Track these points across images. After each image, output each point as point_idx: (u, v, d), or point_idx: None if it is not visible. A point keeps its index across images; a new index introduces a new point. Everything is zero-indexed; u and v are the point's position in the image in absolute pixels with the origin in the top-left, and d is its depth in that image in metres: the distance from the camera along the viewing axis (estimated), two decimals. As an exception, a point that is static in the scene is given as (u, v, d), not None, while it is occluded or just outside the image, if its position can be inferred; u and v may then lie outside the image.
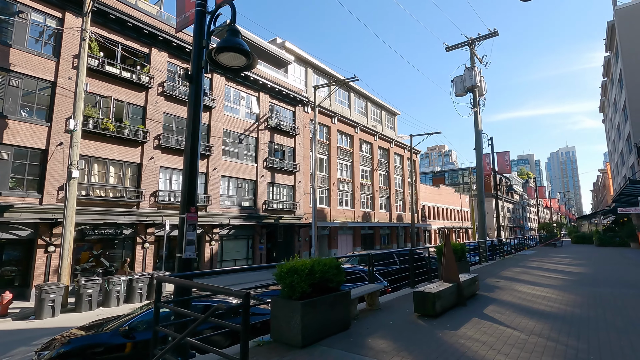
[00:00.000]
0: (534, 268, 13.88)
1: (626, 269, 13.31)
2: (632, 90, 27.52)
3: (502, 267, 14.33)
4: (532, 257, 19.40)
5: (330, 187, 29.79)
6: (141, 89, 17.62)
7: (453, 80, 19.40)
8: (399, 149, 41.90)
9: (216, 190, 20.47)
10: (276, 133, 25.13)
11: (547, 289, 8.91)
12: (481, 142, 18.43)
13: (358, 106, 38.13)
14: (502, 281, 10.42)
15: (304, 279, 4.95)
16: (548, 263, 16.00)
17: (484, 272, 12.66)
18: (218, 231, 20.32)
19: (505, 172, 21.66)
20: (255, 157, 23.48)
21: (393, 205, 38.96)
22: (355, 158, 33.39)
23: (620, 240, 29.46)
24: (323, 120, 29.87)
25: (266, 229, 23.46)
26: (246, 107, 23.41)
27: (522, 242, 29.82)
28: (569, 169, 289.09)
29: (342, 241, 30.79)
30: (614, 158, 44.50)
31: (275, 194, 24.83)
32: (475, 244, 18.85)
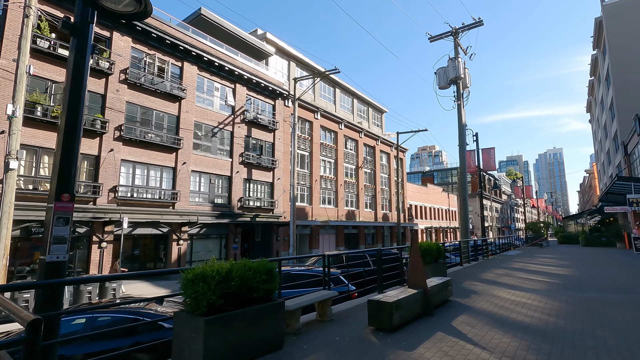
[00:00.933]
0: (517, 270, 12.98)
1: (614, 270, 12.49)
2: (619, 88, 27.03)
3: (483, 268, 13.40)
4: (517, 258, 18.58)
5: (312, 184, 28.69)
6: (100, 75, 16.25)
7: (436, 72, 18.47)
8: (386, 146, 41.01)
9: (185, 186, 19.18)
10: (254, 127, 23.93)
11: (529, 294, 7.94)
12: (465, 137, 17.53)
13: (344, 102, 37.13)
14: (480, 285, 9.44)
15: (212, 288, 3.83)
16: (532, 264, 15.15)
17: (463, 274, 11.70)
18: (187, 230, 19.05)
19: (491, 170, 20.84)
20: (231, 152, 22.24)
21: (379, 204, 38.05)
22: (339, 155, 32.35)
23: (607, 240, 28.98)
24: (305, 115, 28.75)
25: (241, 228, 22.25)
26: (221, 98, 22.16)
27: (508, 242, 29.18)
28: (556, 170, 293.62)
29: (324, 240, 29.72)
30: (600, 158, 44.33)
31: (252, 191, 23.63)
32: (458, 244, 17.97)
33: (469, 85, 18.43)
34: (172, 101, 19.13)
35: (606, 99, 32.55)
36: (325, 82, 34.37)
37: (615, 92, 27.22)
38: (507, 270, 12.63)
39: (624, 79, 26.81)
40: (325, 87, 34.58)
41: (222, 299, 3.93)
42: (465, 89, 18.31)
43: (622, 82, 26.87)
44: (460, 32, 18.01)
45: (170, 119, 19.16)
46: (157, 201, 17.77)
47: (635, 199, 14.48)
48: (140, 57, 18.13)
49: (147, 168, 17.84)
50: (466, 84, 18.17)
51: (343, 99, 36.97)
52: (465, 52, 18.76)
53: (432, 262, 9.57)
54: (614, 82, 27.36)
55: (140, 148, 17.46)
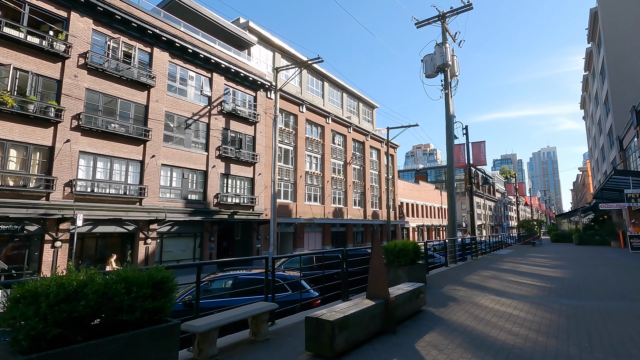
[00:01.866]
0: (507, 271, 11.87)
1: (610, 272, 11.43)
2: (615, 80, 26.09)
3: (470, 269, 12.28)
4: (508, 257, 17.53)
5: (296, 180, 27.45)
6: (55, 58, 14.85)
7: (423, 60, 17.30)
8: (376, 142, 39.87)
9: (154, 181, 17.85)
10: (232, 119, 22.61)
11: (516, 302, 6.80)
12: (452, 129, 16.40)
13: (333, 97, 35.89)
14: (462, 290, 8.29)
15: (43, 311, 2.60)
16: (523, 265, 14.07)
17: (446, 276, 10.56)
18: (156, 227, 17.74)
19: (481, 165, 19.75)
20: (206, 145, 20.92)
21: (368, 201, 36.91)
22: (326, 150, 31.12)
23: (601, 239, 28.11)
24: (289, 107, 27.48)
25: (218, 226, 20.96)
26: (196, 88, 20.81)
27: (499, 240, 28.19)
28: (549, 168, 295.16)
29: (309, 239, 28.52)
30: (594, 155, 43.58)
31: (231, 186, 22.34)
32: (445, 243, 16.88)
33: (458, 73, 17.29)
34: (139, 89, 17.77)
35: (601, 93, 31.66)
36: (313, 75, 33.13)
37: (610, 85, 26.28)
38: (495, 272, 11.51)
39: (620, 71, 25.87)
40: (313, 81, 33.32)
41: (65, 326, 2.70)
42: (454, 77, 17.17)
43: (618, 75, 25.93)
44: (449, 16, 16.85)
45: (138, 109, 17.80)
46: (122, 197, 16.43)
47: (633, 194, 13.48)
48: (103, 41, 16.73)
49: (110, 161, 16.48)
50: (454, 72, 17.02)
51: (332, 93, 35.74)
52: (454, 39, 17.61)
53: (408, 264, 8.41)
54: (609, 75, 26.42)
55: (102, 139, 16.09)
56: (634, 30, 25.98)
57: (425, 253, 11.31)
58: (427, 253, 11.34)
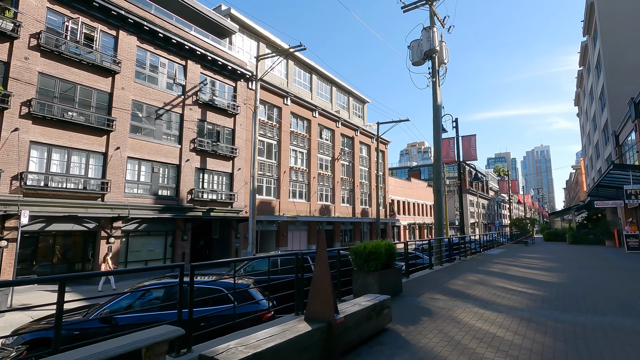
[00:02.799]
0: (496, 275, 10.74)
1: (609, 275, 10.34)
2: (611, 74, 25.13)
3: (455, 272, 11.14)
4: (498, 258, 16.45)
5: (280, 176, 26.18)
6: (2, 38, 13.41)
7: (410, 46, 16.09)
8: (366, 138, 38.68)
9: (119, 175, 16.48)
10: (209, 110, 21.25)
11: (503, 317, 5.63)
12: (440, 119, 15.23)
13: (322, 90, 34.61)
14: (442, 299, 7.11)
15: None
16: (515, 267, 12.97)
17: (427, 281, 9.39)
18: (120, 225, 16.38)
19: (471, 159, 18.66)
20: (180, 138, 19.56)
21: (357, 198, 35.75)
22: (312, 145, 29.87)
23: (595, 238, 27.24)
24: (273, 99, 26.16)
25: (192, 224, 19.64)
26: (168, 76, 19.42)
27: (491, 239, 27.20)
28: (543, 167, 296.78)
29: (293, 237, 27.30)
30: (588, 152, 42.82)
31: (208, 182, 21.02)
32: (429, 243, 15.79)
33: (446, 61, 16.11)
34: (103, 75, 16.36)
35: (596, 88, 30.74)
36: (300, 68, 31.82)
37: (606, 78, 25.31)
38: (483, 276, 10.37)
39: (616, 64, 24.90)
40: (301, 73, 32.01)
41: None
42: (442, 65, 15.99)
43: (614, 68, 24.96)
44: (437, -2, 15.63)
45: (101, 97, 16.39)
46: (81, 192, 15.05)
47: (634, 190, 12.45)
48: (60, 21, 15.29)
49: (68, 153, 15.08)
50: (443, 59, 15.84)
51: (320, 87, 34.45)
52: (443, 24, 16.41)
53: (380, 269, 7.21)
54: (605, 68, 25.44)
55: (58, 129, 14.68)
56: (630, 22, 25.01)
57: (405, 255, 10.16)
58: (407, 254, 10.19)
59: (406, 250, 10.15)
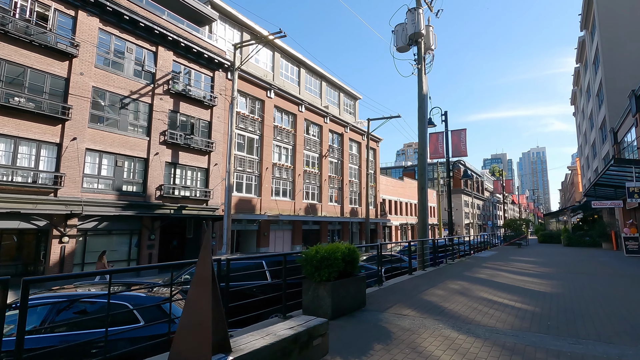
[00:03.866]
0: (481, 282, 9.46)
1: (610, 285, 9.10)
2: (609, 69, 23.98)
3: (437, 279, 9.85)
4: (489, 261, 15.21)
5: (262, 173, 24.81)
6: None
7: (394, 30, 14.79)
8: (357, 135, 37.38)
9: (75, 168, 15.05)
10: (183, 101, 19.85)
11: (479, 344, 4.32)
12: (426, 110, 13.93)
13: (310, 85, 33.24)
14: (410, 316, 5.81)
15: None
16: (504, 272, 11.70)
17: (400, 290, 8.09)
18: (76, 223, 14.96)
19: (461, 155, 17.42)
20: (148, 129, 18.15)
21: (346, 197, 34.44)
22: (298, 141, 28.52)
23: (591, 240, 26.12)
24: (255, 92, 24.79)
25: (161, 222, 18.24)
26: (136, 63, 18.00)
27: (483, 240, 26.02)
28: (539, 169, 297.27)
29: (276, 238, 25.94)
30: (584, 152, 41.79)
31: (181, 177, 19.62)
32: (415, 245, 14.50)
33: (434, 47, 14.82)
34: (58, 59, 14.92)
35: (593, 84, 29.64)
36: (288, 61, 30.44)
37: (604, 73, 24.16)
38: (466, 284, 9.08)
39: (615, 58, 23.76)
40: (288, 66, 30.62)
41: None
42: (429, 51, 14.70)
43: (612, 62, 23.82)
44: (424, -22, 14.33)
45: (56, 82, 14.95)
46: (30, 186, 13.63)
47: (637, 188, 11.21)
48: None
49: (14, 142, 13.65)
50: (429, 44, 14.55)
51: (309, 81, 33.08)
52: (430, 7, 15.12)
53: (334, 278, 5.89)
54: (603, 63, 24.29)
55: (2, 116, 13.24)
56: (630, 14, 23.88)
57: (379, 258, 8.86)
58: (380, 258, 8.88)
59: (379, 253, 8.85)
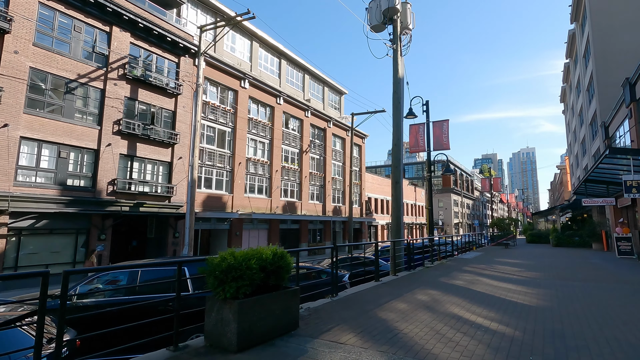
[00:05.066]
0: (456, 292, 8.01)
1: (607, 295, 7.72)
2: (600, 60, 22.86)
3: (406, 287, 8.37)
4: (471, 264, 13.83)
5: (234, 168, 23.14)
6: None
7: (368, 7, 13.30)
8: (341, 130, 35.89)
9: (6, 159, 13.25)
10: (143, 88, 18.11)
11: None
12: (401, 96, 12.46)
13: (292, 77, 31.63)
14: (347, 345, 4.27)
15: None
16: (485, 278, 10.29)
17: (355, 303, 6.57)
18: (6, 221, 13.16)
19: (443, 148, 16.01)
20: (100, 117, 16.39)
21: (328, 195, 32.93)
22: (276, 135, 26.90)
23: (580, 240, 25.05)
24: (228, 81, 23.11)
25: (113, 220, 16.49)
26: (86, 43, 16.21)
27: (470, 240, 24.77)
28: (529, 169, 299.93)
29: (250, 237, 24.31)
30: (573, 150, 40.95)
31: (138, 171, 17.88)
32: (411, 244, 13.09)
33: (411, 26, 13.36)
34: (-14, 34, 13.11)
35: (583, 79, 28.60)
36: (267, 51, 28.78)
37: (595, 65, 23.04)
38: (438, 294, 7.62)
39: (606, 49, 22.65)
40: (268, 57, 28.97)
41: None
42: (406, 31, 13.24)
43: (604, 53, 22.71)
44: (400, -52, 12.85)
45: (-17, 60, 13.13)
46: (-53, 178, 11.81)
47: (635, 181, 9.90)
48: None
49: None
50: (406, 23, 13.08)
51: (291, 74, 31.46)
52: (409, -18, 13.65)
53: (247, 294, 4.34)
54: (594, 54, 23.17)
55: None
56: (622, 3, 22.78)
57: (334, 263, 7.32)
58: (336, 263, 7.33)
59: (335, 257, 7.32)
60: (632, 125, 13.62)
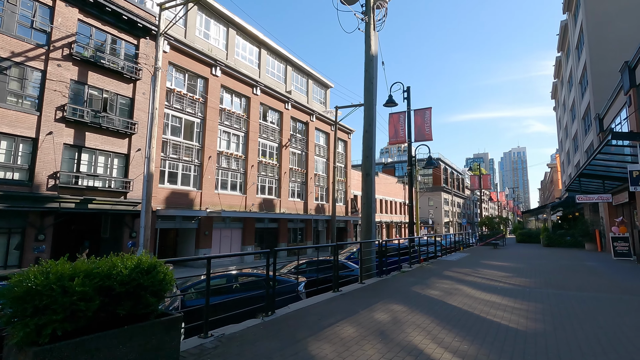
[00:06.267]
0: (427, 308, 6.40)
1: (612, 309, 6.18)
2: (595, 49, 21.57)
3: (366, 301, 6.75)
4: (454, 268, 12.31)
5: (203, 162, 21.35)
6: None
7: (339, -24, 11.66)
8: (325, 125, 34.24)
9: None
10: (93, 70, 16.23)
11: None
12: (374, 75, 10.84)
13: (273, 69, 29.85)
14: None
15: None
16: (466, 287, 8.72)
17: (292, 325, 4.89)
18: None
19: (425, 139, 14.46)
20: (39, 103, 14.50)
21: (310, 192, 31.28)
22: (251, 128, 25.14)
23: (572, 240, 23.79)
24: (196, 67, 21.29)
25: (55, 218, 14.63)
26: (22, 17, 14.30)
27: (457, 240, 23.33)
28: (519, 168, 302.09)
29: (222, 237, 22.54)
30: (564, 147, 39.86)
31: (88, 164, 16.03)
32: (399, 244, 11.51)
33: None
34: None
35: (576, 71, 27.36)
36: (246, 40, 26.97)
37: (589, 54, 21.74)
38: (403, 311, 6.00)
39: (600, 37, 21.36)
40: (246, 46, 27.14)
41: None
42: (380, 3, 11.64)
43: (598, 41, 21.42)
44: None
45: None
46: None
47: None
48: None
49: None
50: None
51: (272, 64, 29.67)
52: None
53: (67, 333, 2.67)
54: (588, 43, 21.87)
55: None
56: (618, -11, 21.49)
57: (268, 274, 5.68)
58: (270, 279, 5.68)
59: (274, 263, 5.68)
60: (632, 112, 12.24)
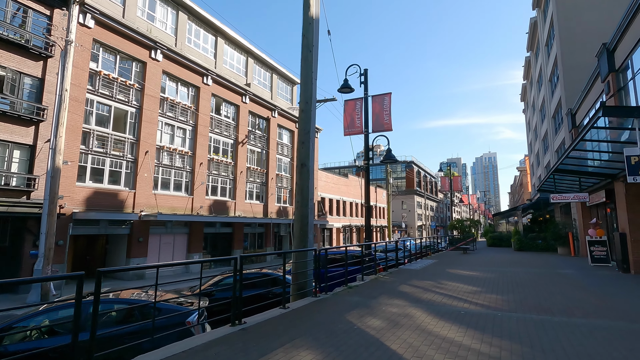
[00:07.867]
0: (355, 356, 4.18)
1: (615, 349, 4.19)
2: (566, 42, 20.53)
3: (268, 343, 4.43)
4: (414, 280, 10.27)
5: (138, 157, 18.53)
6: None
7: None
8: (289, 122, 31.98)
9: None
10: (-15, 42, 13.26)
11: None
12: (312, 41, 8.66)
13: (233, 60, 27.29)
14: None
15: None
16: (421, 312, 6.62)
17: None
18: None
19: (385, 129, 12.48)
20: None
21: (272, 194, 28.85)
22: (200, 121, 22.49)
23: (544, 244, 22.61)
24: (130, 49, 18.52)
25: None
26: None
27: (426, 244, 21.61)
28: (490, 173, 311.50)
29: (162, 244, 19.70)
30: (534, 149, 39.49)
31: (-24, 156, 12.98)
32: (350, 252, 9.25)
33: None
34: None
35: (546, 69, 26.52)
36: (199, 26, 24.32)
37: (560, 48, 20.68)
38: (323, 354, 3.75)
39: (571, 30, 20.36)
40: (200, 33, 24.46)
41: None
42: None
43: (569, 34, 20.41)
44: None
45: None
46: None
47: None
48: None
49: None
50: (325, -56, 9.40)
51: (231, 55, 27.10)
52: None
53: None
54: (559, 36, 20.82)
55: None
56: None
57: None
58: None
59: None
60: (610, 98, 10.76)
